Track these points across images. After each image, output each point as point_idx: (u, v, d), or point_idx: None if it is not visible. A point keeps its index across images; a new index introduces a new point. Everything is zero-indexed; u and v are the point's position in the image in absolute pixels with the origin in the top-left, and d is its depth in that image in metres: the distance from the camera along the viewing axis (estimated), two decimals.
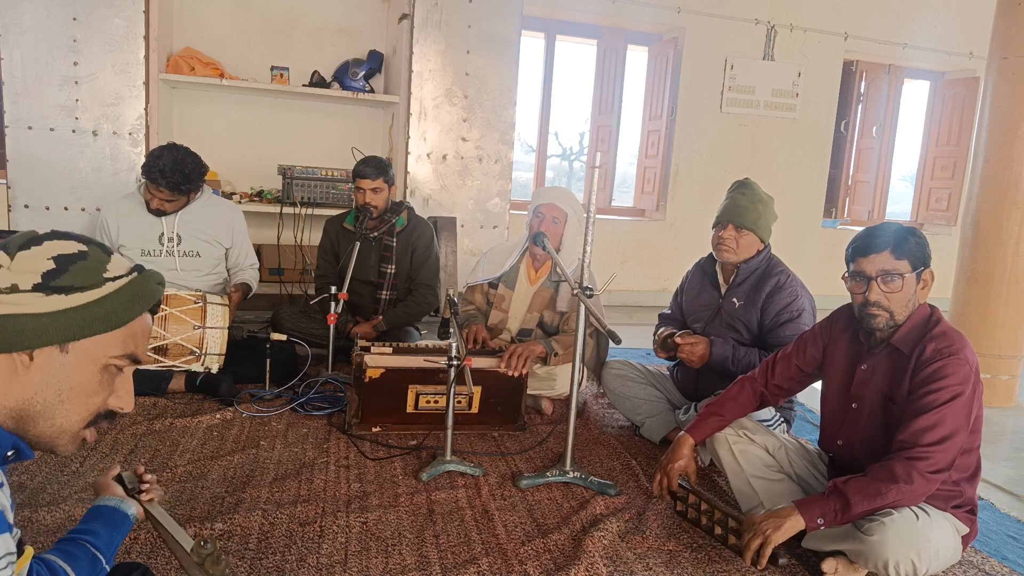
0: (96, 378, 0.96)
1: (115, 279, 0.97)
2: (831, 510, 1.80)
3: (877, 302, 1.90)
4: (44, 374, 0.92)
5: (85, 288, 0.93)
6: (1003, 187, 3.70)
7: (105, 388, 0.98)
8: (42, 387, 0.93)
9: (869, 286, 1.91)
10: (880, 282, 1.89)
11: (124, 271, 0.99)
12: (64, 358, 0.93)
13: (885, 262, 1.88)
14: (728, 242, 2.67)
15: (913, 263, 1.88)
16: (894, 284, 1.88)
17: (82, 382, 0.95)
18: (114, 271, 0.97)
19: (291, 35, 4.84)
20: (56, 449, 0.98)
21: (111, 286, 0.96)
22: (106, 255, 0.98)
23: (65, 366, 0.93)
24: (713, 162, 6.09)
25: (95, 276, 0.95)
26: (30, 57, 3.78)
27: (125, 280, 0.97)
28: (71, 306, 0.92)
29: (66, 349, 0.93)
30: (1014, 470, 2.99)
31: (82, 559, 1.16)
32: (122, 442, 2.55)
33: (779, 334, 2.59)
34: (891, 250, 1.88)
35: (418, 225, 3.62)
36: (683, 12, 5.78)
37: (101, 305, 0.94)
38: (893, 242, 1.88)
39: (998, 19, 3.80)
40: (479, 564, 1.93)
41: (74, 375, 0.94)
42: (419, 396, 2.74)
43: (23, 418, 0.94)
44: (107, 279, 0.96)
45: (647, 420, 2.90)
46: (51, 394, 0.93)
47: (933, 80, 7.01)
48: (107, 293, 0.95)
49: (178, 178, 3.01)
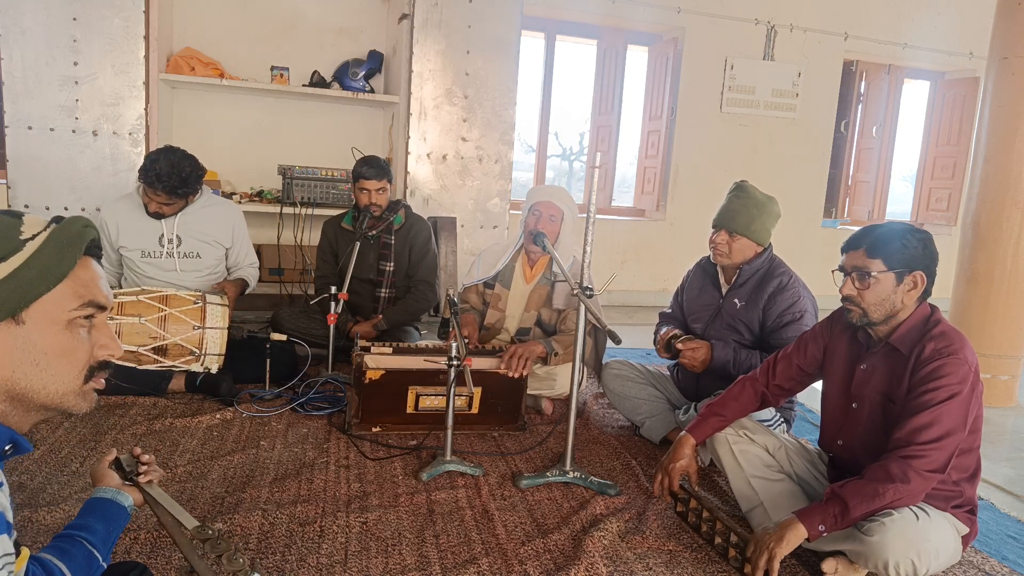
0: (66, 336, 0.95)
1: (34, 237, 0.94)
2: (831, 516, 1.80)
3: (848, 297, 1.96)
4: (11, 351, 0.92)
5: (6, 256, 0.91)
6: (1003, 187, 3.70)
7: (81, 343, 0.97)
8: (17, 363, 0.92)
9: (844, 281, 1.97)
10: (853, 279, 1.94)
11: (41, 227, 0.96)
12: (23, 329, 0.92)
13: (858, 259, 1.94)
14: (721, 247, 2.69)
15: (890, 263, 1.90)
16: (865, 282, 1.92)
17: (53, 345, 0.94)
18: (30, 231, 0.95)
19: (291, 35, 4.84)
20: (70, 411, 0.98)
21: (32, 245, 0.93)
22: (15, 219, 0.95)
23: (29, 336, 0.92)
24: (713, 162, 6.09)
25: (11, 242, 0.93)
26: (30, 57, 3.78)
27: (44, 235, 0.95)
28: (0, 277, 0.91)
29: (20, 320, 0.92)
30: (1014, 470, 2.99)
31: (78, 557, 1.15)
32: (122, 442, 2.55)
33: (781, 335, 2.60)
34: (865, 248, 1.92)
35: (416, 223, 3.62)
36: (683, 12, 5.79)
37: (29, 266, 0.92)
38: (870, 241, 1.92)
39: (998, 19, 3.80)
40: (479, 564, 1.93)
41: (41, 341, 0.93)
42: (419, 397, 2.74)
43: (16, 397, 0.94)
44: (25, 240, 0.93)
45: (647, 420, 2.90)
46: (29, 366, 0.93)
47: (933, 80, 7.01)
48: (31, 253, 0.93)
49: (175, 182, 3.00)
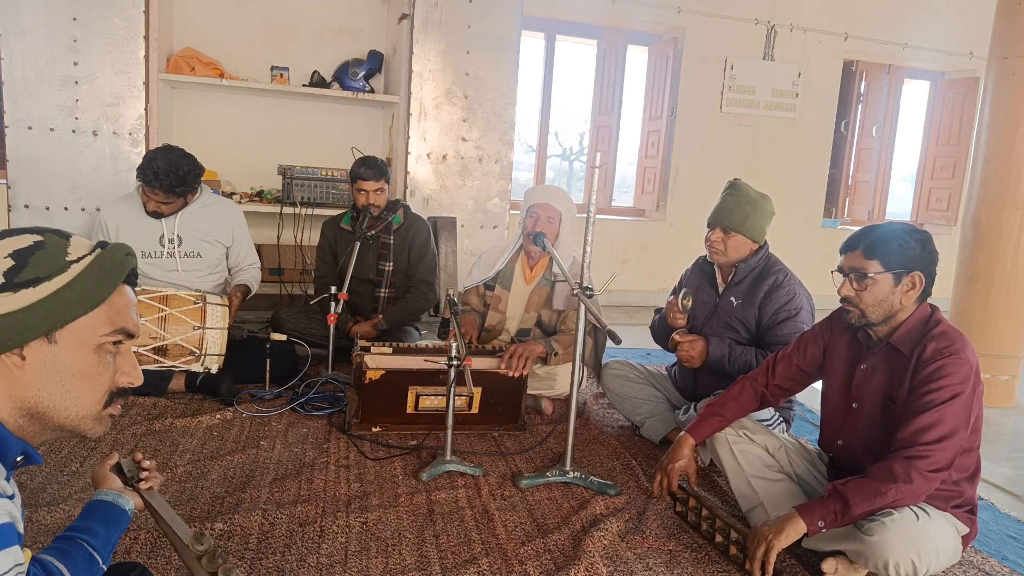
0: (94, 360, 0.97)
1: (79, 259, 0.96)
2: (831, 512, 1.80)
3: (846, 298, 1.96)
4: (40, 369, 0.93)
5: (51, 276, 0.93)
6: (1003, 187, 3.70)
7: (107, 368, 0.99)
8: (43, 381, 0.94)
9: (842, 282, 1.97)
10: (851, 280, 1.95)
11: (87, 250, 0.98)
12: (55, 349, 0.94)
13: (855, 260, 1.94)
14: (716, 244, 2.70)
15: (888, 264, 1.90)
16: (862, 283, 1.92)
17: (81, 368, 0.96)
18: (76, 252, 0.96)
19: (291, 35, 4.84)
20: (86, 434, 0.99)
21: (76, 268, 0.95)
22: (64, 239, 0.97)
23: (59, 356, 0.94)
24: (713, 162, 6.09)
25: (58, 262, 0.94)
26: (30, 57, 3.78)
27: (90, 258, 0.97)
28: (42, 296, 0.92)
29: (53, 339, 0.93)
30: (1014, 470, 2.99)
31: (78, 559, 1.15)
32: (122, 442, 2.55)
33: (777, 332, 2.60)
34: (863, 250, 1.93)
35: (415, 223, 3.62)
36: (683, 12, 5.78)
37: (72, 288, 0.94)
38: (868, 242, 1.92)
39: (998, 19, 3.80)
40: (479, 564, 1.93)
41: (70, 363, 0.95)
42: (419, 397, 2.74)
43: (37, 415, 0.95)
44: (71, 262, 0.95)
45: (647, 420, 2.90)
46: (54, 386, 0.94)
47: (933, 80, 7.01)
48: (75, 275, 0.94)
49: (172, 180, 3.00)
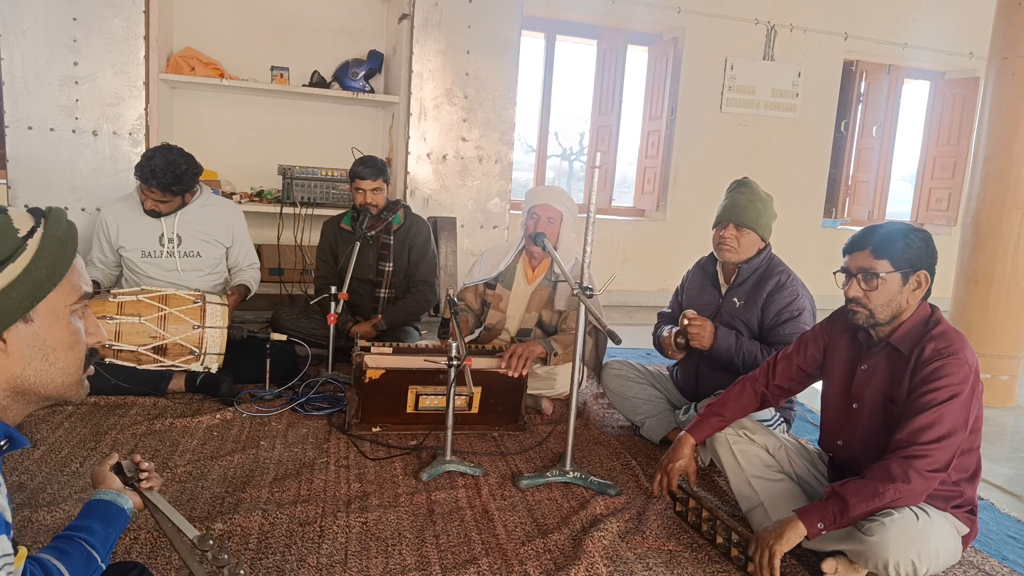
0: (69, 329, 0.99)
1: (31, 233, 0.95)
2: (830, 514, 1.80)
3: (855, 299, 1.95)
4: (23, 349, 0.95)
5: (13, 256, 0.92)
6: (1003, 187, 3.70)
7: (79, 332, 1.01)
8: (28, 360, 0.95)
9: (849, 283, 1.95)
10: (859, 280, 1.93)
11: (31, 221, 0.97)
12: (33, 327, 0.95)
13: (864, 260, 1.92)
14: (729, 241, 2.67)
15: (896, 264, 1.89)
16: (871, 283, 1.91)
17: (60, 338, 0.98)
18: (22, 226, 0.95)
19: (291, 35, 4.83)
20: (71, 399, 1.03)
21: (33, 243, 0.95)
22: (3, 215, 0.95)
23: (38, 332, 0.96)
24: (713, 162, 6.09)
25: (10, 240, 0.93)
26: (30, 57, 3.78)
27: (40, 231, 0.97)
28: (12, 279, 0.92)
29: (29, 319, 0.94)
30: (1014, 470, 2.99)
31: (77, 557, 1.15)
32: (122, 442, 2.55)
33: (779, 333, 2.60)
34: (871, 249, 1.91)
35: (415, 223, 3.62)
36: (683, 12, 5.78)
37: (38, 265, 0.94)
38: (875, 242, 1.91)
39: (998, 19, 3.80)
40: (479, 564, 1.93)
41: (50, 336, 0.97)
42: (419, 396, 2.74)
43: (23, 392, 0.97)
44: (23, 237, 0.94)
45: (647, 420, 2.90)
46: (39, 362, 0.96)
47: (933, 80, 7.01)
48: (35, 251, 0.94)
49: (170, 179, 3.00)
